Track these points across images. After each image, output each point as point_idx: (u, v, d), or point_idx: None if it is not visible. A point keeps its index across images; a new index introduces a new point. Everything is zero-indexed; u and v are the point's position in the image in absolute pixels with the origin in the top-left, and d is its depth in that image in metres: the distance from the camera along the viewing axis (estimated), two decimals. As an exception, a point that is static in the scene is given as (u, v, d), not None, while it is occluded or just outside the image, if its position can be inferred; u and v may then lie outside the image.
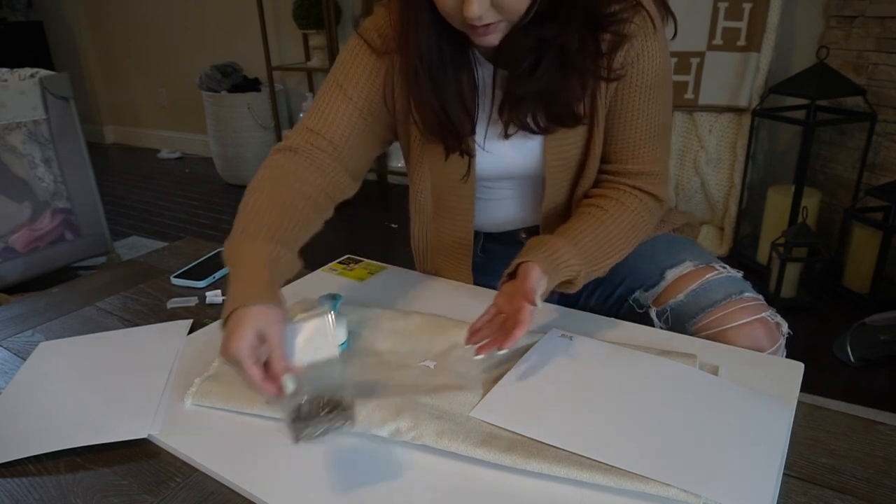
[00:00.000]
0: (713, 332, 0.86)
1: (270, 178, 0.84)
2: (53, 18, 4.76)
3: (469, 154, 0.89)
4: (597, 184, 0.93)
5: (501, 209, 1.00)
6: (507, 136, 0.87)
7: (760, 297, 0.89)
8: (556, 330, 0.84)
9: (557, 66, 0.78)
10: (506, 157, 0.92)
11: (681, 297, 0.91)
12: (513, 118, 0.84)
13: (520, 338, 0.70)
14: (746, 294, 0.88)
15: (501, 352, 0.72)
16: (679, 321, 0.91)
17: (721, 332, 0.86)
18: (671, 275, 0.94)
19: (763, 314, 0.86)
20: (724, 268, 0.93)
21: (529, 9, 0.72)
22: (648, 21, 0.82)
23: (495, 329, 0.76)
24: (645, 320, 0.95)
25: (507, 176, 0.96)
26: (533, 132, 0.86)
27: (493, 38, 0.75)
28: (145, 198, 3.62)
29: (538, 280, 0.76)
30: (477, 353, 0.73)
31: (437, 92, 0.83)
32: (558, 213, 0.96)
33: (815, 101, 2.12)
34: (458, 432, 0.65)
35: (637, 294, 0.97)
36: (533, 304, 0.73)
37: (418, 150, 0.94)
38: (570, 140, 0.89)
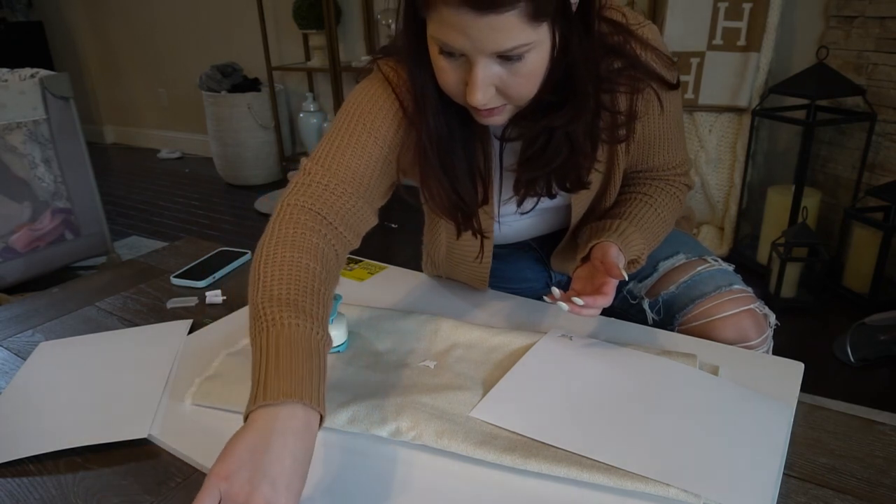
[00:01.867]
0: (702, 323, 0.87)
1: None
2: (53, 18, 4.76)
3: (482, 235, 0.85)
4: (630, 181, 0.93)
5: (522, 231, 0.99)
6: (521, 211, 0.85)
7: (749, 289, 0.91)
8: (556, 330, 0.84)
9: (567, 147, 0.76)
10: (521, 221, 0.93)
11: (672, 288, 0.93)
12: (527, 194, 0.82)
13: (600, 307, 0.75)
14: (736, 286, 0.90)
15: (573, 311, 0.75)
16: (670, 312, 0.93)
17: (710, 322, 0.87)
18: (664, 267, 0.95)
19: (751, 305, 0.87)
20: (716, 260, 0.95)
21: (537, 95, 0.70)
22: (654, 98, 0.80)
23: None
24: (638, 311, 0.96)
25: (529, 225, 0.96)
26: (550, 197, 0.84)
27: (499, 120, 0.73)
28: (145, 198, 3.61)
29: (617, 256, 0.79)
30: (562, 299, 0.75)
31: (447, 170, 0.79)
32: (583, 221, 0.95)
33: (814, 101, 2.12)
34: (457, 432, 0.65)
35: (631, 285, 0.98)
36: (619, 276, 0.75)
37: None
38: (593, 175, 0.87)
